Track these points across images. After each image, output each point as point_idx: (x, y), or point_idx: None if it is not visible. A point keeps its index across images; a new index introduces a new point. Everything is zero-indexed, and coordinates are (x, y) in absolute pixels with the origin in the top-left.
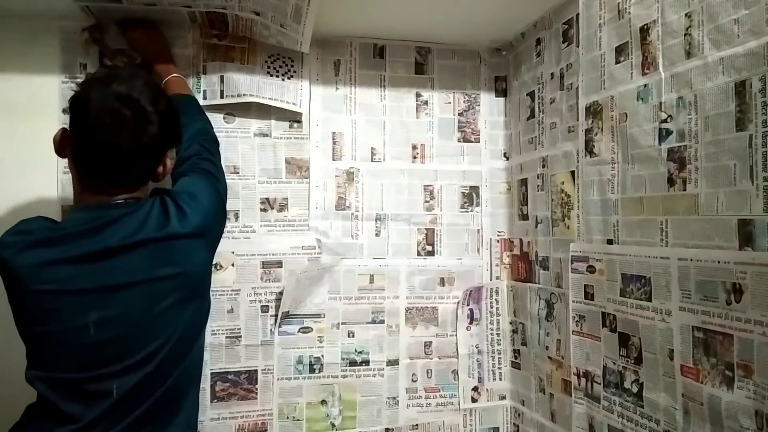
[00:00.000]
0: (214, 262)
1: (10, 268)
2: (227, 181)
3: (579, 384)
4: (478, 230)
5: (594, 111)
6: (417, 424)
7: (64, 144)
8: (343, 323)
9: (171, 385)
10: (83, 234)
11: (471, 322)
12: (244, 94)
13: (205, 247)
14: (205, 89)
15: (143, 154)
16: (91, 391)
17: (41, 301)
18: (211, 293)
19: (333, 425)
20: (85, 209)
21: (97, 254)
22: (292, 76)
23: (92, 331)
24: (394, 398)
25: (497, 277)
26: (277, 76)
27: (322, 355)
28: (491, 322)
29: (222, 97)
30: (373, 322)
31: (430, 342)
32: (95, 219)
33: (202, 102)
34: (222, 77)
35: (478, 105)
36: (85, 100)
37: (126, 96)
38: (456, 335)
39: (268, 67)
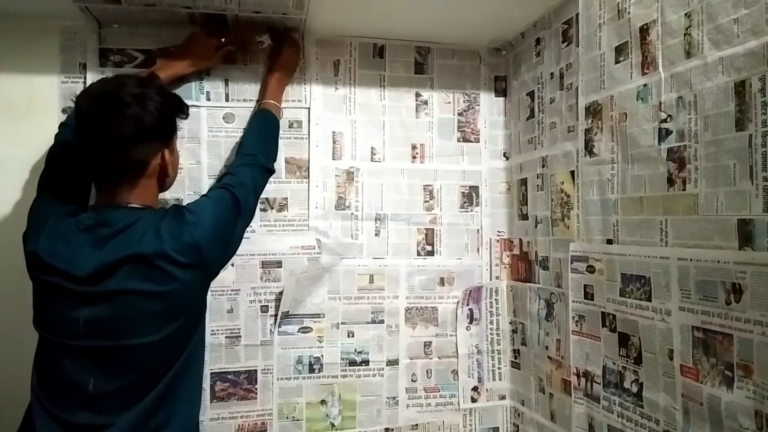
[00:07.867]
0: None
1: None
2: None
3: (579, 384)
4: (478, 230)
5: (594, 111)
6: (417, 424)
7: None
8: (342, 323)
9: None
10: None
11: (471, 322)
12: (250, 99)
13: (197, 275)
14: (209, 90)
15: (124, 142)
16: None
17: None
18: (210, 293)
19: (333, 425)
20: (93, 208)
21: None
22: None
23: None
24: (394, 398)
25: (497, 277)
26: None
27: (322, 355)
28: (491, 322)
29: (227, 100)
30: (373, 322)
31: (430, 342)
32: (102, 224)
33: (205, 103)
34: (226, 80)
35: (478, 105)
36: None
37: (107, 90)
38: (456, 335)
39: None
